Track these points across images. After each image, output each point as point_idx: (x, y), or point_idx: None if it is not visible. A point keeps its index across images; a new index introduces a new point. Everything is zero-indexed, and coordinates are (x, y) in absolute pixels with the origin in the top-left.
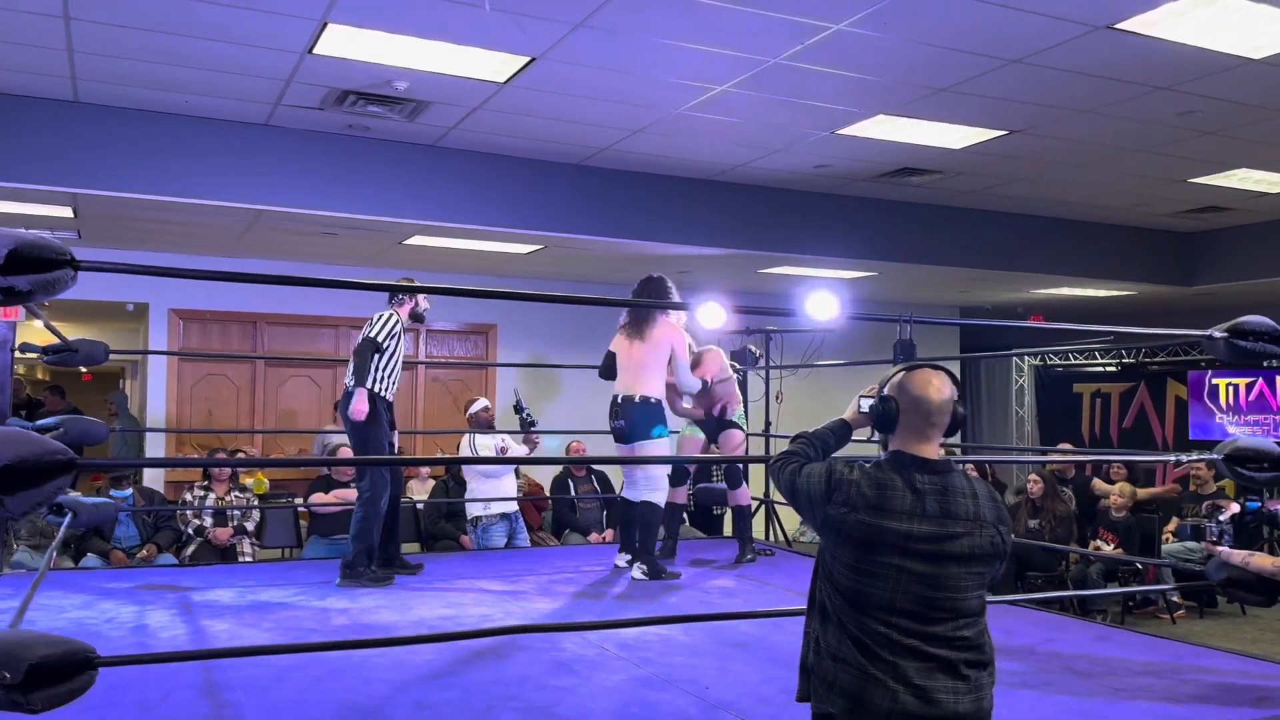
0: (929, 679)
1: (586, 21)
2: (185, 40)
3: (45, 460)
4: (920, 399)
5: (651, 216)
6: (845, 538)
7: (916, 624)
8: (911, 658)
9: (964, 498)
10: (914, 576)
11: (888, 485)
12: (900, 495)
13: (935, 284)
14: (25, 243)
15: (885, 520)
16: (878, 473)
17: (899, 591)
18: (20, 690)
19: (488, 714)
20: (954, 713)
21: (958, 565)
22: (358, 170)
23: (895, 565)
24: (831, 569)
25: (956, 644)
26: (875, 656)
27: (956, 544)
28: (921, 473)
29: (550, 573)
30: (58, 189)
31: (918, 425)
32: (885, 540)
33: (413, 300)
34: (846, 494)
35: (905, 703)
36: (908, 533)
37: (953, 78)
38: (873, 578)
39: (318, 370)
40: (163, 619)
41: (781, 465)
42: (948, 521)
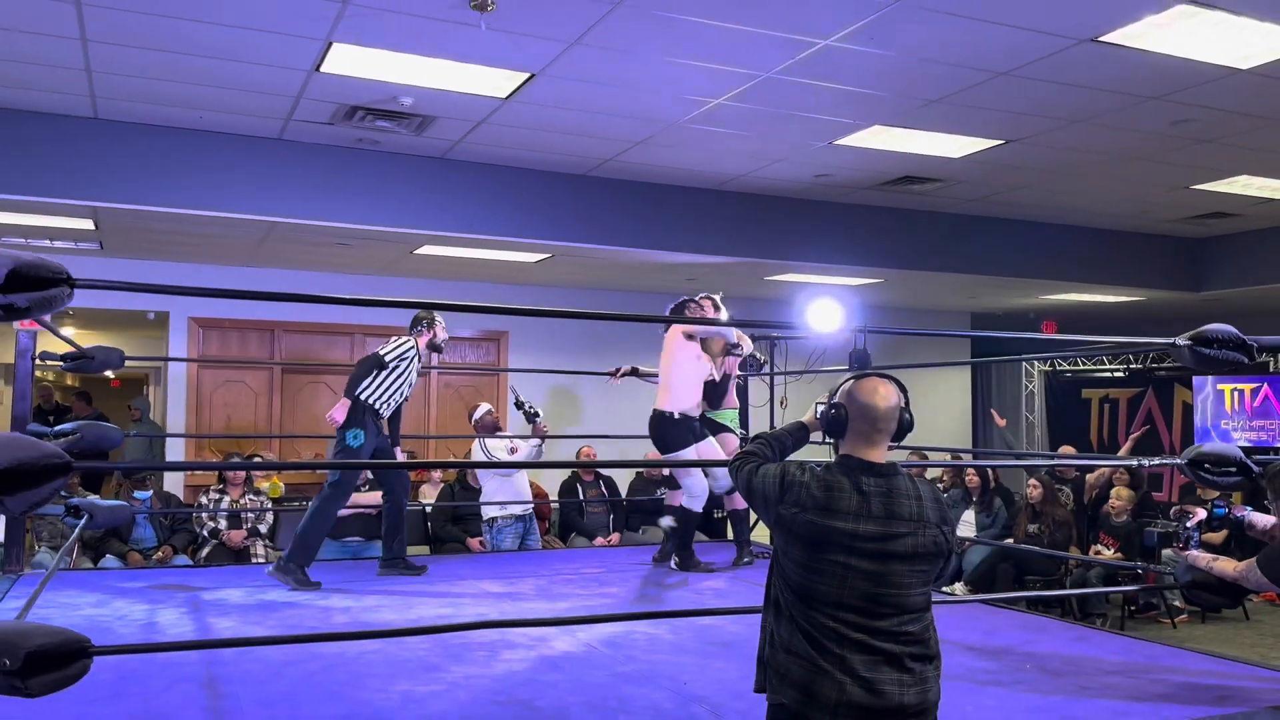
0: (875, 671)
1: (582, 39)
2: (197, 60)
3: (42, 463)
4: (867, 406)
5: (656, 225)
6: (795, 536)
7: (863, 619)
8: (858, 651)
9: (908, 499)
10: (860, 574)
11: (835, 487)
12: (847, 497)
13: (944, 291)
14: (24, 263)
15: (832, 520)
16: (827, 475)
17: (846, 588)
18: (18, 675)
19: (471, 706)
20: (899, 704)
21: (901, 563)
22: (368, 182)
23: (842, 563)
24: (784, 566)
25: (902, 638)
26: (824, 650)
27: (900, 543)
28: (868, 475)
29: (550, 575)
30: (79, 202)
31: (865, 431)
32: (832, 539)
33: (431, 332)
34: (797, 495)
35: (852, 694)
36: (853, 532)
37: (944, 90)
38: (821, 575)
39: (334, 376)
40: (172, 617)
41: (741, 465)
42: (892, 522)
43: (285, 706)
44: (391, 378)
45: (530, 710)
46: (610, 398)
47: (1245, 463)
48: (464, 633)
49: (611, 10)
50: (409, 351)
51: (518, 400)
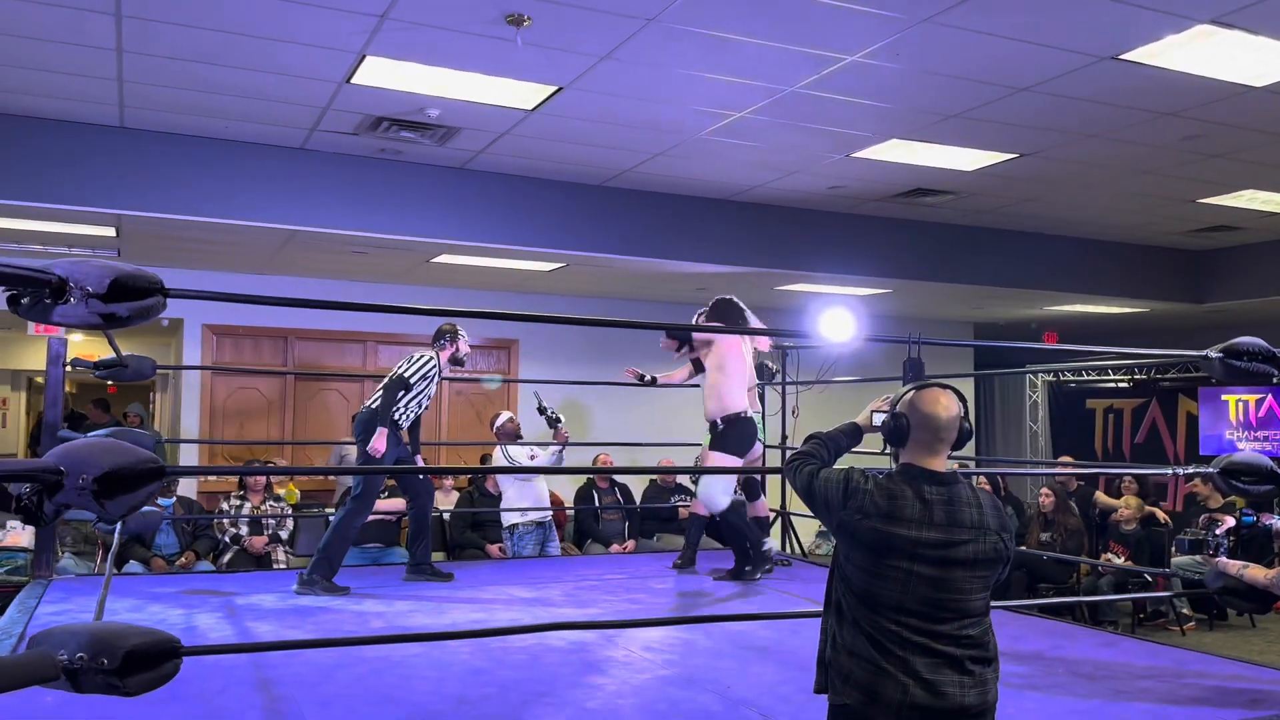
0: (937, 673)
1: (612, 54)
2: (230, 71)
3: (139, 468)
4: (929, 416)
5: (670, 236)
6: (858, 542)
7: (925, 623)
8: (920, 654)
9: (969, 507)
10: (922, 580)
11: (898, 495)
12: (910, 505)
13: (949, 301)
14: (125, 273)
15: (895, 528)
16: (889, 483)
17: (908, 593)
18: (117, 674)
19: (524, 709)
20: (960, 705)
21: (963, 569)
22: (389, 192)
23: (905, 569)
24: (846, 570)
25: (963, 642)
26: (887, 652)
27: (961, 550)
28: (930, 484)
29: (575, 581)
30: (104, 210)
31: (927, 440)
32: (895, 546)
33: (454, 346)
34: (860, 502)
35: (915, 695)
36: (916, 539)
37: (963, 105)
38: (884, 580)
39: (346, 384)
40: (210, 621)
41: (799, 465)
42: (954, 529)
43: (342, 707)
44: (414, 395)
45: (584, 712)
46: (619, 407)
47: (1276, 472)
48: (503, 638)
49: (644, 26)
50: (430, 369)
51: (540, 406)
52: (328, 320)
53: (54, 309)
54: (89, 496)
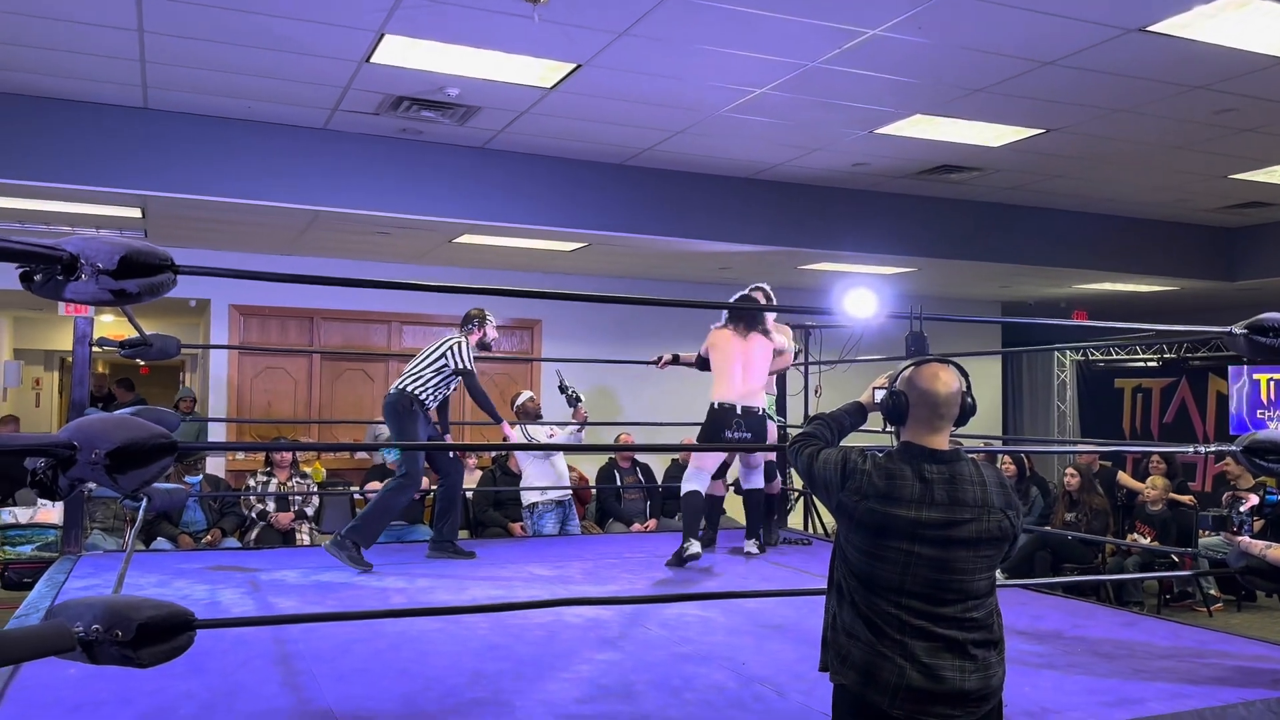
0: (935, 658)
1: (631, 30)
2: (251, 51)
3: (151, 443)
4: (927, 392)
5: (692, 214)
6: (857, 523)
7: (926, 605)
8: (920, 638)
9: (971, 485)
10: (923, 561)
11: (897, 475)
12: (909, 485)
13: (976, 279)
14: (133, 249)
15: (894, 508)
16: (888, 463)
17: (909, 575)
18: (130, 646)
19: (539, 684)
20: (959, 690)
21: (965, 549)
22: (410, 172)
23: (905, 550)
24: (846, 551)
25: (965, 624)
26: (884, 635)
27: (964, 529)
28: (930, 463)
29: (595, 559)
30: (129, 191)
31: (926, 417)
32: (894, 526)
33: (482, 330)
34: (859, 482)
35: (912, 679)
36: (916, 520)
37: (988, 79)
38: (883, 561)
39: (371, 364)
40: (233, 596)
41: (800, 447)
42: (955, 508)
43: (360, 681)
44: (442, 377)
45: (598, 688)
46: (643, 386)
47: None
48: (521, 614)
49: (663, 1)
50: (470, 355)
51: (562, 384)
52: (353, 301)
53: (66, 285)
54: (101, 471)
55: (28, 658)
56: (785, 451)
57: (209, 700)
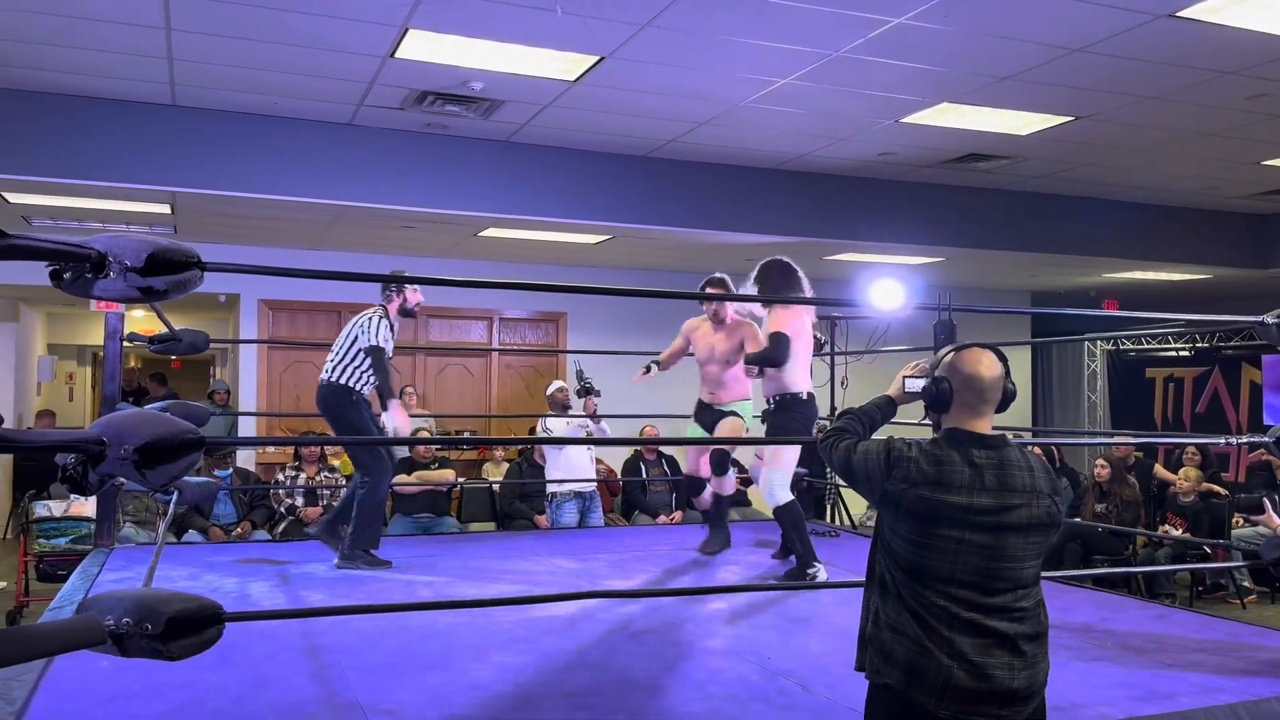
0: (985, 655)
1: (653, 21)
2: (277, 47)
3: (179, 439)
4: (972, 377)
5: (717, 206)
6: (905, 512)
7: (977, 595)
8: (969, 633)
9: (1019, 470)
10: (974, 548)
11: (945, 461)
12: (958, 471)
13: (1005, 269)
14: (161, 247)
15: (944, 495)
16: (935, 449)
17: (959, 564)
18: (160, 639)
19: (563, 674)
20: (1008, 689)
21: (1017, 535)
22: (435, 167)
23: (955, 538)
24: (890, 543)
25: (1014, 615)
26: (932, 630)
27: (1014, 515)
28: (978, 448)
29: (621, 552)
30: (157, 188)
31: (971, 403)
32: (944, 514)
33: (401, 296)
34: (906, 470)
35: (959, 678)
36: (967, 506)
37: (1016, 67)
38: (933, 550)
39: (398, 357)
40: (263, 589)
41: (834, 441)
42: (1005, 494)
43: (388, 674)
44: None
45: (625, 681)
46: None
47: None
48: (546, 607)
49: None
50: (385, 327)
51: (579, 373)
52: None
53: (94, 283)
54: (130, 466)
55: (60, 650)
56: (817, 446)
57: (239, 693)
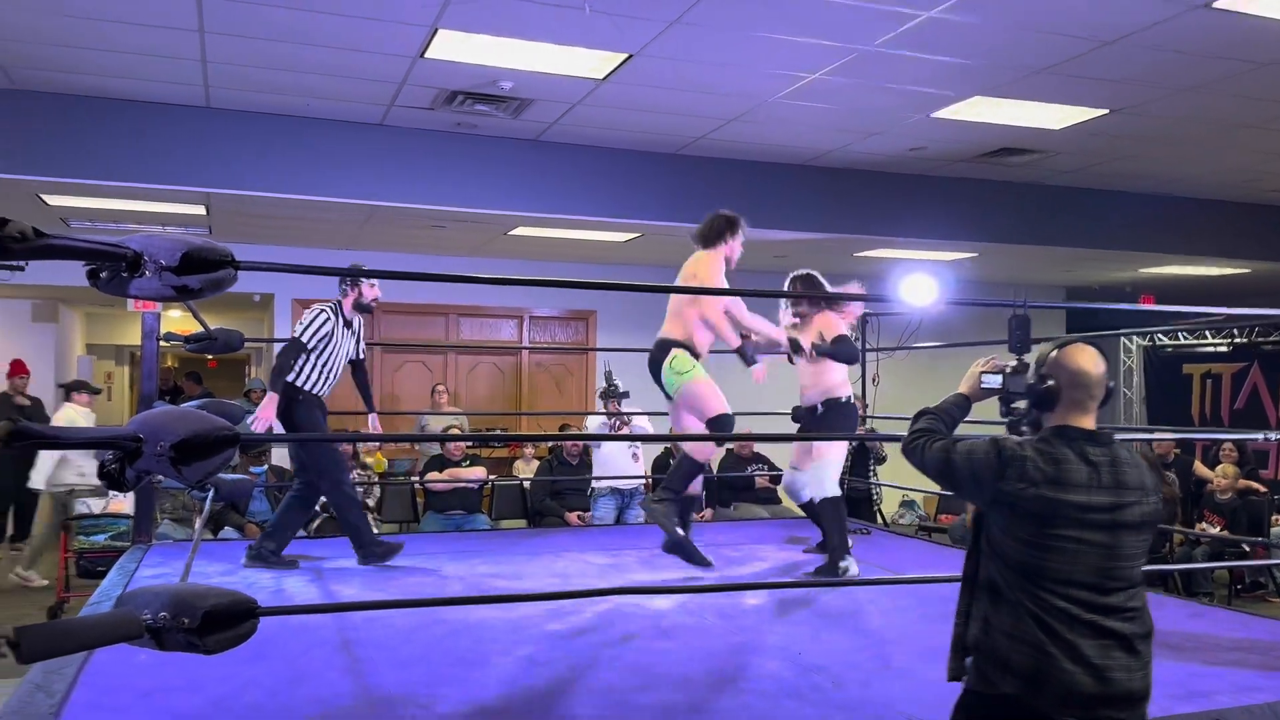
0: (1105, 657)
1: (682, 18)
2: (309, 49)
3: (214, 435)
4: (1081, 373)
5: (746, 202)
6: (1022, 513)
7: (1094, 595)
8: (1089, 634)
9: (1131, 467)
10: (1091, 548)
11: (1062, 459)
12: (1076, 468)
13: (1039, 264)
14: (195, 246)
15: (1064, 494)
16: (1048, 448)
17: (1078, 564)
18: (196, 633)
19: (592, 670)
20: (1128, 690)
21: (1131, 533)
22: (465, 166)
23: (1074, 538)
24: (1003, 546)
25: (1128, 615)
26: (1054, 634)
27: (1129, 512)
28: (1091, 445)
29: (651, 548)
30: (192, 189)
31: (1079, 399)
32: (1064, 514)
33: (356, 290)
34: (1022, 469)
35: (1083, 682)
36: (1086, 504)
37: (1048, 59)
38: (1051, 551)
39: (429, 355)
40: (297, 585)
41: (924, 442)
42: (1121, 491)
43: (420, 668)
44: (322, 356)
45: (654, 677)
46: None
47: None
48: (577, 603)
49: None
50: (325, 326)
51: (607, 374)
52: (410, 294)
53: (130, 282)
54: (166, 463)
55: (99, 643)
56: (902, 449)
57: (274, 687)
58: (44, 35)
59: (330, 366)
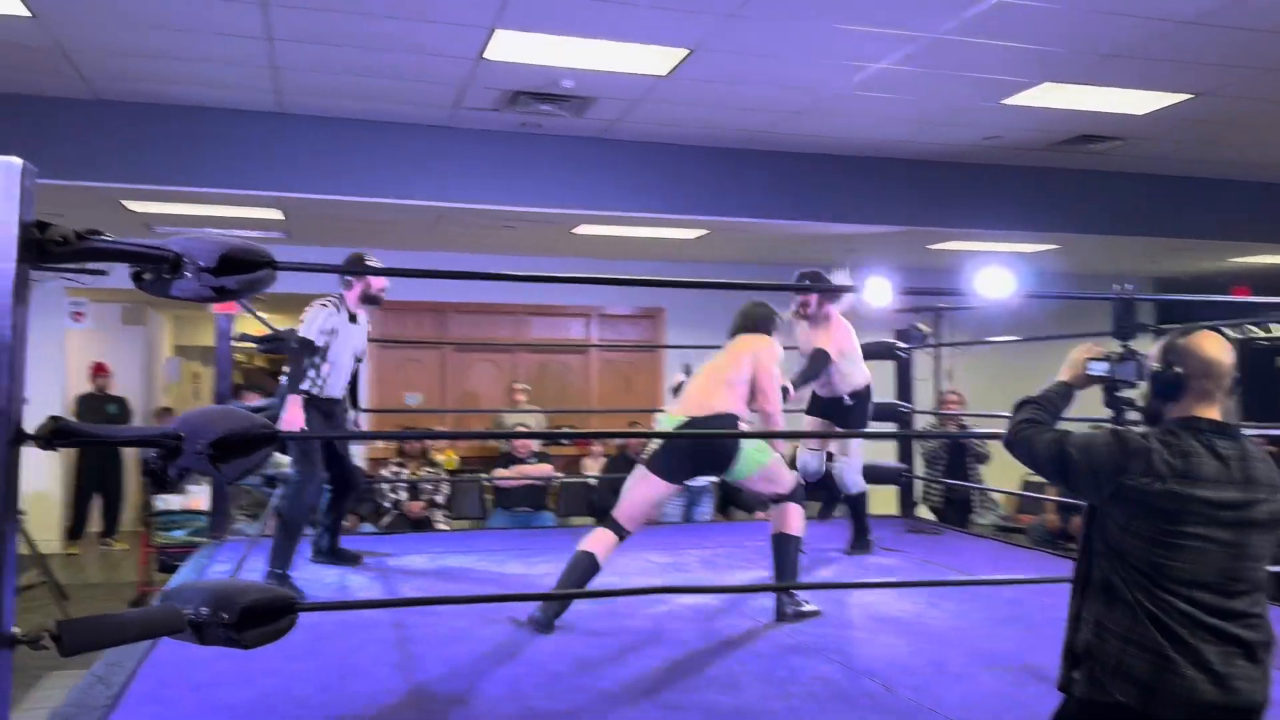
0: (1229, 665)
1: (740, 11)
2: (372, 53)
3: (252, 433)
4: (1211, 362)
5: (815, 196)
6: (1147, 509)
7: (1219, 599)
8: (1213, 640)
9: (1260, 462)
10: (1219, 547)
11: (1192, 453)
12: (1206, 462)
13: (1125, 255)
14: (233, 247)
15: (1194, 489)
16: (1175, 440)
17: (1204, 564)
18: (234, 628)
19: (640, 670)
20: (1251, 702)
21: (1259, 533)
22: (531, 165)
23: (1202, 535)
24: (1121, 544)
25: (1252, 621)
26: (1176, 638)
27: (1259, 510)
28: (1220, 438)
29: (714, 547)
30: (267, 193)
31: (1208, 390)
32: (1193, 509)
33: (363, 282)
34: (1148, 463)
35: (1205, 692)
36: (1216, 501)
37: (1123, 42)
38: (1177, 550)
39: (499, 354)
40: (361, 581)
41: (1032, 434)
42: (1251, 487)
43: (466, 665)
44: (323, 356)
45: (701, 678)
46: None
47: None
48: (630, 601)
49: None
50: (328, 323)
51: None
52: (480, 294)
53: (172, 283)
54: (205, 460)
55: (140, 637)
56: (1005, 442)
57: (324, 681)
58: (122, 47)
59: (335, 365)
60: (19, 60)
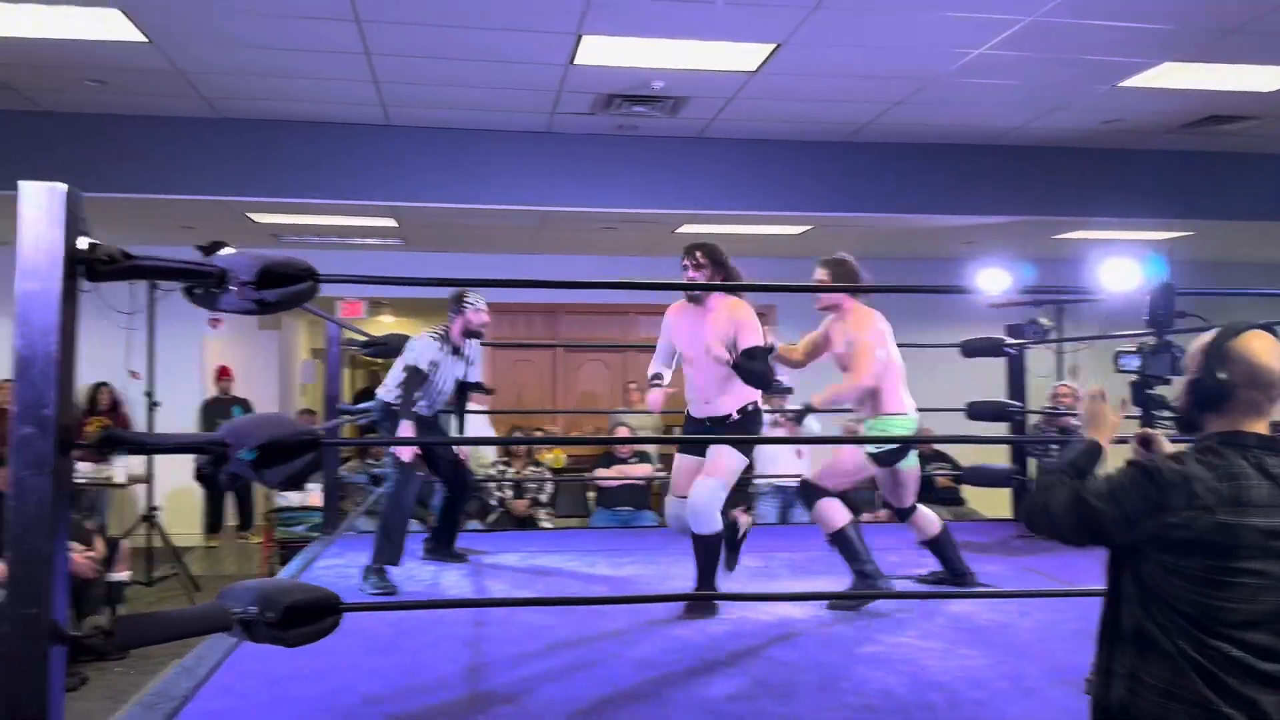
0: None
1: (822, 3)
2: (466, 63)
3: (294, 439)
4: (1263, 369)
5: (925, 187)
6: (1194, 546)
7: (1275, 640)
8: (1269, 689)
9: None
10: (1274, 582)
11: (1239, 474)
12: (1256, 485)
13: (1263, 241)
14: (272, 262)
15: (1246, 517)
16: (1218, 460)
17: (1258, 602)
18: (279, 627)
19: (701, 676)
20: None
21: None
22: (630, 167)
23: (1256, 570)
24: (1162, 588)
25: None
26: (1225, 689)
27: None
28: (1271, 455)
29: (806, 550)
30: (378, 203)
31: (1256, 401)
32: (1245, 541)
33: (462, 317)
34: (1189, 494)
35: None
36: (1270, 530)
37: (1246, 15)
38: (1225, 589)
39: (609, 355)
40: (454, 578)
41: (1047, 499)
42: None
43: (535, 666)
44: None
45: (760, 686)
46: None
47: None
48: None
49: None
50: (436, 354)
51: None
52: (590, 295)
53: (219, 298)
54: (248, 466)
55: (188, 635)
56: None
57: (392, 679)
58: (234, 68)
59: (432, 391)
60: (143, 83)
